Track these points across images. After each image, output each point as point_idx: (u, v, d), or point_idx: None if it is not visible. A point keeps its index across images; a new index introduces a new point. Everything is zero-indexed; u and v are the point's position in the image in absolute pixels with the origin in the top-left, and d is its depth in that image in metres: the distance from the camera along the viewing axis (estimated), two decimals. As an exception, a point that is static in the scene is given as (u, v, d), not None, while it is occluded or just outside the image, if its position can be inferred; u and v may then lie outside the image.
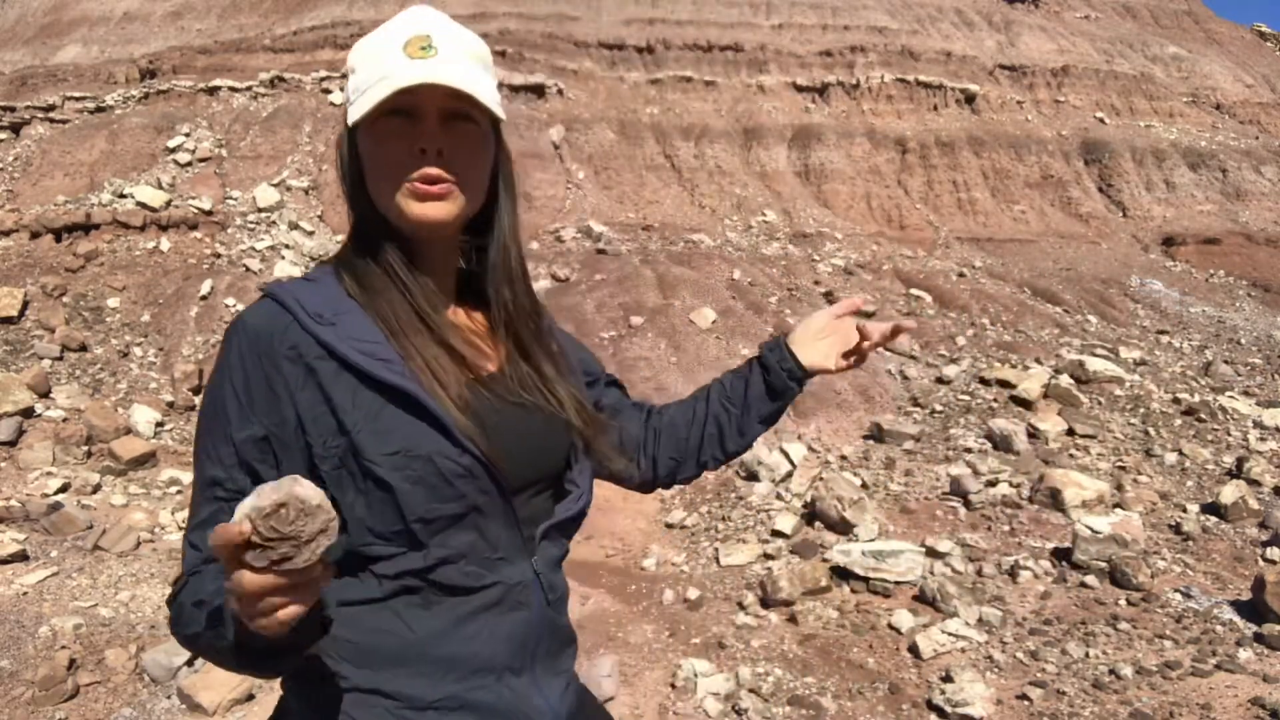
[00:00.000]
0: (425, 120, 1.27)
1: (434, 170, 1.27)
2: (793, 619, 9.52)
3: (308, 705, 1.29)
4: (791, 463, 13.60)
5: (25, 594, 9.60)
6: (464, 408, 1.26)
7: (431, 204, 1.29)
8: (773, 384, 1.64)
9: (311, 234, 23.16)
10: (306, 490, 0.89)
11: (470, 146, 1.31)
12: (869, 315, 20.37)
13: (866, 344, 1.65)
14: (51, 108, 26.99)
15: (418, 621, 1.26)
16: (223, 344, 1.28)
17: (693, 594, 10.21)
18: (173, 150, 25.40)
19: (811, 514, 11.84)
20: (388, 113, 1.26)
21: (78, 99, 27.62)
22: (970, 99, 34.25)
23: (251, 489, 1.19)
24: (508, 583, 1.31)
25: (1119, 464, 13.99)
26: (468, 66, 1.29)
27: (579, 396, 1.45)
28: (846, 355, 1.66)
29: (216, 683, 7.72)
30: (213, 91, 28.19)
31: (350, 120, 1.28)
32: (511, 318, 1.42)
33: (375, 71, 1.27)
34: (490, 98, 1.29)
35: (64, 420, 14.62)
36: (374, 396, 1.23)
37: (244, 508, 0.89)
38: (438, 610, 1.27)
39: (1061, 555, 10.71)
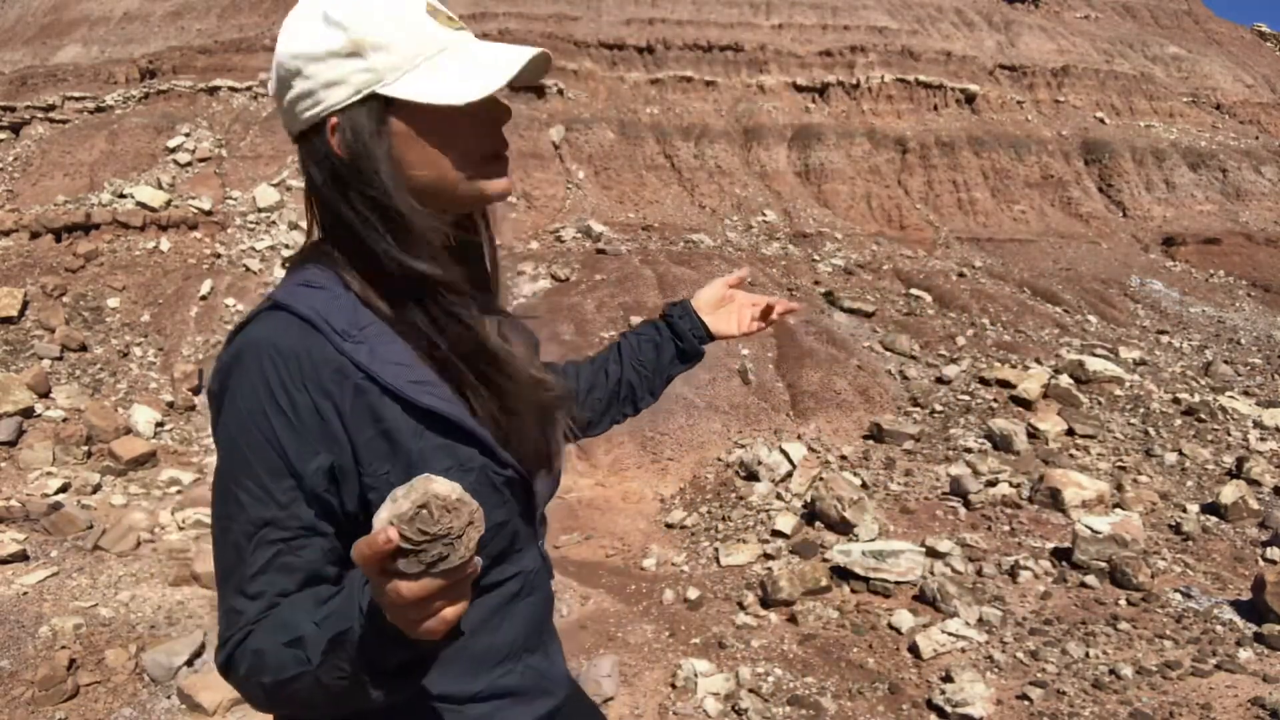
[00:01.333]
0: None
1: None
2: (793, 619, 9.52)
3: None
4: (791, 463, 13.60)
5: (25, 594, 9.59)
6: (500, 420, 1.26)
7: (505, 176, 1.26)
8: (685, 350, 1.79)
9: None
10: (442, 486, 0.85)
11: None
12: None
13: (774, 314, 1.81)
14: (51, 108, 27.01)
15: None
16: (242, 368, 1.14)
17: (693, 594, 10.21)
18: (173, 150, 25.41)
19: (811, 514, 11.83)
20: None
21: (78, 99, 27.64)
22: (970, 99, 34.24)
23: (320, 523, 1.14)
24: (526, 571, 1.33)
25: (1119, 464, 13.99)
26: None
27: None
28: (760, 319, 1.82)
29: (216, 683, 7.70)
30: (213, 91, 28.19)
31: (443, 100, 1.13)
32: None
33: (426, 43, 1.15)
34: None
35: (64, 420, 14.62)
36: (419, 415, 1.18)
37: (383, 516, 0.85)
38: (470, 608, 1.28)
39: (1061, 555, 10.71)
